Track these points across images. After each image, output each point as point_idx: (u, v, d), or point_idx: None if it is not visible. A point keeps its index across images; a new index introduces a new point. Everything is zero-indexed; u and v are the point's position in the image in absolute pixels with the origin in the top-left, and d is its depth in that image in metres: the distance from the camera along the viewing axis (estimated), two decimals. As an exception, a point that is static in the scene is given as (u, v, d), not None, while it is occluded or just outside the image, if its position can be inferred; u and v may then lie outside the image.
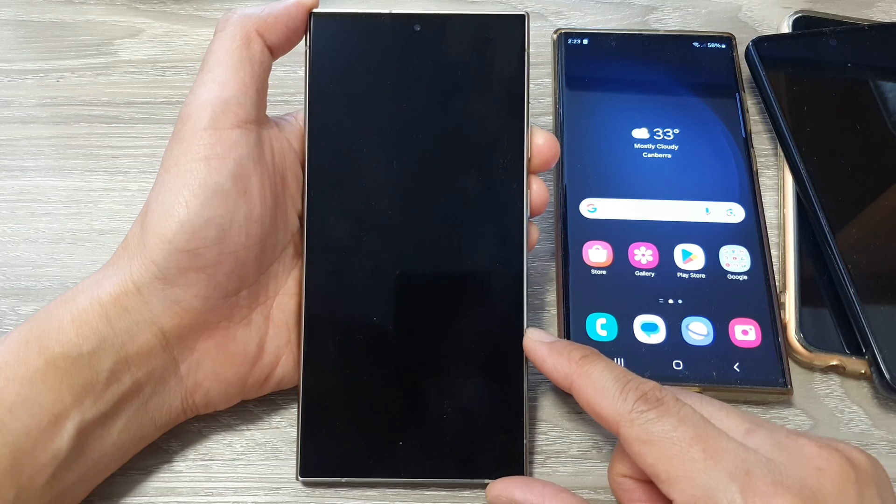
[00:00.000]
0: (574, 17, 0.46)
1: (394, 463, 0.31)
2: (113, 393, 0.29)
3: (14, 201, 0.39)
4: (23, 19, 0.45)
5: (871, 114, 0.40)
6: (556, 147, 0.32)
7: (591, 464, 0.33)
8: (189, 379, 0.31)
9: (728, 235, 0.37)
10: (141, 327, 0.29)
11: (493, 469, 0.31)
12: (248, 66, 0.30)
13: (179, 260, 0.29)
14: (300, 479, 0.31)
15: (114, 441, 0.29)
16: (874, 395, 0.35)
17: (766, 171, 0.40)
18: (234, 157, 0.29)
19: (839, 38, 0.42)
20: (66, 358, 0.28)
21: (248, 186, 0.29)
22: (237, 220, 0.29)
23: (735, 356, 0.34)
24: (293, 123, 0.32)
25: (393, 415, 0.31)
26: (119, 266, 0.29)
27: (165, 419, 0.31)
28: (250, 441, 0.34)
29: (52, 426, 0.27)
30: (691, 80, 0.42)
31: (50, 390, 0.28)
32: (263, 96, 0.31)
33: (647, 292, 0.36)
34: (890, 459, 0.33)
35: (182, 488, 0.33)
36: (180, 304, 0.29)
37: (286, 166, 0.32)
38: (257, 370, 0.32)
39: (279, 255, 0.32)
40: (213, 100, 0.29)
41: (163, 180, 0.29)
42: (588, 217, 0.38)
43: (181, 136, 0.29)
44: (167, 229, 0.28)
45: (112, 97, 0.43)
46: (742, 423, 0.27)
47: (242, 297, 0.31)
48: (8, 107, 0.42)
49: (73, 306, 0.29)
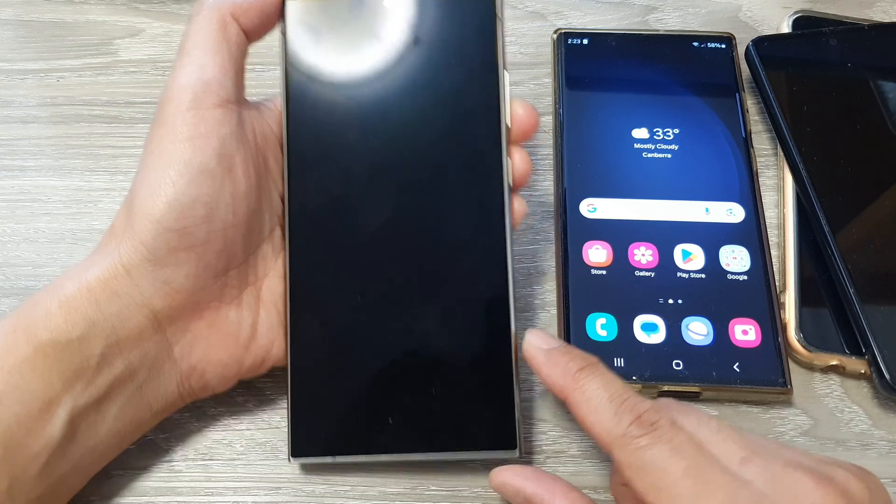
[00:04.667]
0: (574, 17, 0.46)
1: (385, 440, 0.31)
2: (105, 378, 0.29)
3: (14, 201, 0.39)
4: (23, 19, 0.45)
5: (871, 114, 0.40)
6: (535, 117, 0.32)
7: (591, 464, 0.33)
8: (184, 362, 0.31)
9: (728, 235, 0.37)
10: (131, 310, 0.29)
11: (485, 442, 0.31)
12: (226, 49, 0.30)
13: (169, 239, 0.29)
14: (292, 459, 0.31)
15: (108, 428, 0.29)
16: (874, 395, 0.35)
17: (765, 171, 0.40)
18: (217, 136, 0.29)
19: (839, 37, 0.42)
20: (55, 344, 0.28)
21: (232, 165, 0.30)
22: (224, 199, 0.29)
23: (735, 356, 0.34)
24: (272, 108, 0.33)
25: (382, 392, 0.31)
26: (106, 251, 0.29)
27: (162, 404, 0.31)
28: (250, 441, 0.34)
29: (44, 413, 0.27)
30: (691, 80, 0.42)
31: (39, 378, 0.27)
32: (241, 79, 0.31)
33: (646, 292, 0.36)
34: (890, 459, 0.33)
35: (182, 488, 0.33)
36: (171, 284, 0.29)
37: (267, 147, 0.32)
38: (253, 351, 0.32)
39: (267, 237, 0.32)
40: (194, 81, 0.29)
41: (147, 163, 0.29)
42: (588, 217, 0.38)
43: (163, 119, 0.29)
44: (155, 209, 0.28)
45: (112, 97, 0.43)
46: (739, 450, 0.26)
47: (232, 276, 0.31)
48: (8, 106, 0.42)
49: (61, 293, 0.29)
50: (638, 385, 0.34)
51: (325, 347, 0.32)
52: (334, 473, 0.33)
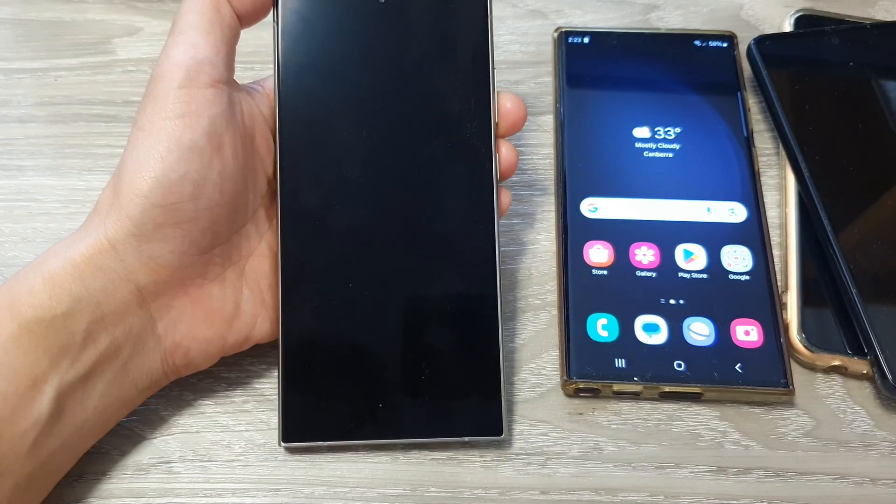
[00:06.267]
0: (575, 16, 0.46)
1: (375, 425, 0.32)
2: (90, 354, 0.29)
3: (12, 201, 0.39)
4: (21, 18, 0.45)
5: (873, 113, 0.40)
6: (523, 110, 0.33)
7: (591, 465, 0.33)
8: (168, 339, 0.31)
9: (730, 235, 0.37)
10: (116, 285, 0.29)
11: (473, 428, 0.32)
12: (219, 29, 0.31)
13: (156, 215, 0.29)
14: (282, 444, 0.32)
15: (95, 405, 0.29)
16: (876, 395, 0.35)
17: (767, 171, 0.40)
18: (208, 115, 0.29)
19: (841, 36, 0.42)
20: (40, 321, 0.28)
21: (221, 144, 0.30)
22: (211, 177, 0.30)
23: (737, 357, 0.34)
24: (261, 91, 0.33)
25: (372, 378, 0.32)
26: (91, 227, 0.29)
27: (147, 382, 0.31)
28: (249, 442, 0.33)
29: (31, 391, 0.27)
30: (693, 78, 0.42)
31: (25, 355, 0.27)
32: (232, 61, 0.32)
33: (648, 292, 0.36)
34: (892, 460, 0.33)
35: (181, 489, 0.32)
36: (156, 259, 0.29)
37: (255, 129, 0.32)
38: (236, 328, 0.32)
39: (251, 217, 0.33)
40: (187, 60, 0.30)
41: (136, 138, 0.29)
42: (589, 217, 0.38)
43: (154, 95, 0.29)
44: (143, 184, 0.29)
45: (110, 96, 0.42)
46: None
47: (216, 254, 0.31)
48: (6, 106, 0.42)
49: (45, 269, 0.29)
50: (639, 386, 0.34)
51: (315, 334, 0.32)
52: (334, 474, 0.33)
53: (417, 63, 0.33)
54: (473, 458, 0.33)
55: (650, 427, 0.34)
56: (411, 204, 0.32)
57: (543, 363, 0.36)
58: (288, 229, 0.32)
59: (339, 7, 0.33)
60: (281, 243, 0.32)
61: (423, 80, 0.33)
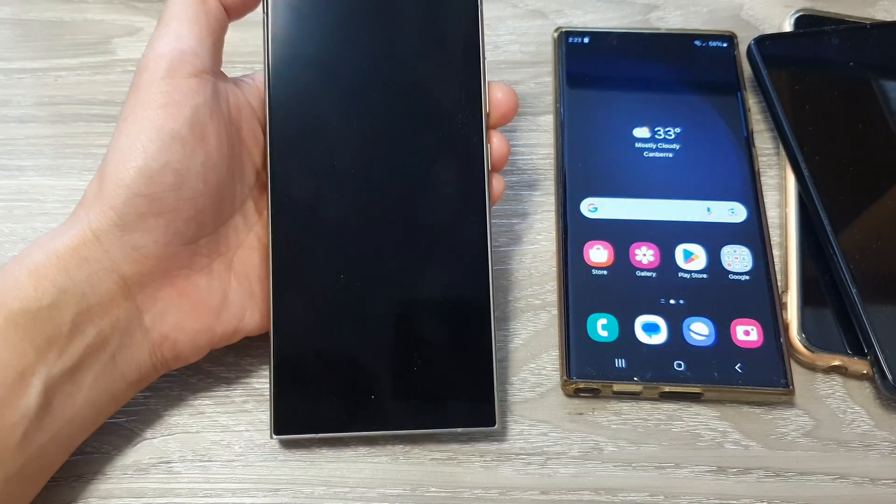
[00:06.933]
0: (575, 16, 0.45)
1: (367, 417, 0.32)
2: (77, 346, 0.29)
3: (12, 201, 0.39)
4: (21, 18, 0.45)
5: (873, 113, 0.40)
6: (514, 100, 0.33)
7: (591, 465, 0.33)
8: (155, 331, 0.31)
9: (730, 235, 0.37)
10: (101, 276, 0.29)
11: (466, 418, 0.32)
12: (205, 21, 0.31)
13: (138, 205, 0.29)
14: (274, 436, 0.32)
15: (84, 398, 0.29)
16: (876, 395, 0.35)
17: (767, 171, 0.40)
18: (191, 104, 0.30)
19: (841, 36, 0.42)
20: (26, 313, 0.28)
21: (205, 134, 0.30)
22: (194, 167, 0.30)
23: (737, 357, 0.34)
24: (251, 83, 0.33)
25: (364, 369, 0.32)
26: (76, 220, 0.30)
27: (136, 375, 0.31)
28: (249, 442, 0.33)
29: (18, 384, 0.27)
30: (693, 78, 0.42)
31: (12, 348, 0.27)
32: (219, 52, 0.32)
33: (648, 292, 0.36)
34: (892, 460, 0.33)
35: (181, 489, 0.32)
36: (140, 250, 0.29)
37: (242, 119, 0.32)
38: (224, 320, 0.32)
39: (239, 208, 0.33)
40: (170, 51, 0.30)
41: (120, 129, 0.30)
42: (589, 217, 0.38)
43: (138, 86, 0.30)
44: (125, 174, 0.29)
45: (110, 96, 0.42)
46: None
47: (202, 245, 0.31)
48: (6, 106, 0.42)
49: (30, 261, 0.29)
50: (639, 386, 0.34)
51: (307, 325, 0.32)
52: (334, 474, 0.33)
53: (408, 54, 0.33)
54: (473, 458, 0.33)
55: (650, 427, 0.34)
56: (403, 195, 0.32)
57: (543, 363, 0.36)
58: (278, 221, 0.32)
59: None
60: (272, 235, 0.32)
61: (414, 70, 0.33)
